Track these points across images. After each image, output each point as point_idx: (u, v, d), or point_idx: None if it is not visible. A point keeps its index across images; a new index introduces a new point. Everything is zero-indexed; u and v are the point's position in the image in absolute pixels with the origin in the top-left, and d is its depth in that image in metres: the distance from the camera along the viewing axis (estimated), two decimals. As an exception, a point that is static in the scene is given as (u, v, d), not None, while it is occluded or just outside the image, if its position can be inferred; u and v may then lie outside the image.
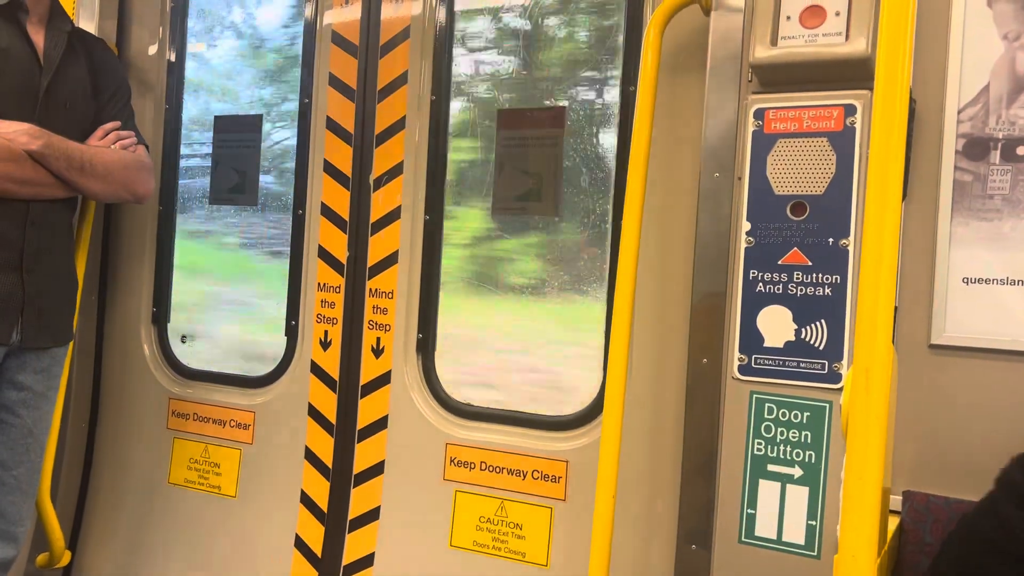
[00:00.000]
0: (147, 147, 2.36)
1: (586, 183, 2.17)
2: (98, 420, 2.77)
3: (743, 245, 1.60)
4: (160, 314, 2.74)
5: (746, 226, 1.60)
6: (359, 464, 2.36)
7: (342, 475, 2.38)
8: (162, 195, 2.73)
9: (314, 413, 2.43)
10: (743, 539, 1.58)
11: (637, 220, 1.74)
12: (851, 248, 1.51)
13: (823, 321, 1.54)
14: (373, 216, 2.36)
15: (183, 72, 2.75)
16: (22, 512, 2.17)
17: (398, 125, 2.33)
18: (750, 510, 1.58)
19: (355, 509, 2.35)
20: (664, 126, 1.89)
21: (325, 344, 2.41)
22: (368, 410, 2.35)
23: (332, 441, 2.40)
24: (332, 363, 2.41)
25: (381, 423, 2.33)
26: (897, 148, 1.05)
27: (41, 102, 2.09)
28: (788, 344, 1.57)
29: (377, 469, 2.33)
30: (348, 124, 2.39)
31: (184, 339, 2.75)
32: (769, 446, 1.57)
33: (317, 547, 2.39)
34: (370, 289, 2.36)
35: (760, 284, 1.59)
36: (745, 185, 1.60)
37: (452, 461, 2.22)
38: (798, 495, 1.54)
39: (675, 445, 1.84)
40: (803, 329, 1.55)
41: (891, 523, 1.57)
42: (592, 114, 2.21)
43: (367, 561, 2.32)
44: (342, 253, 2.40)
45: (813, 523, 1.52)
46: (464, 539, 2.20)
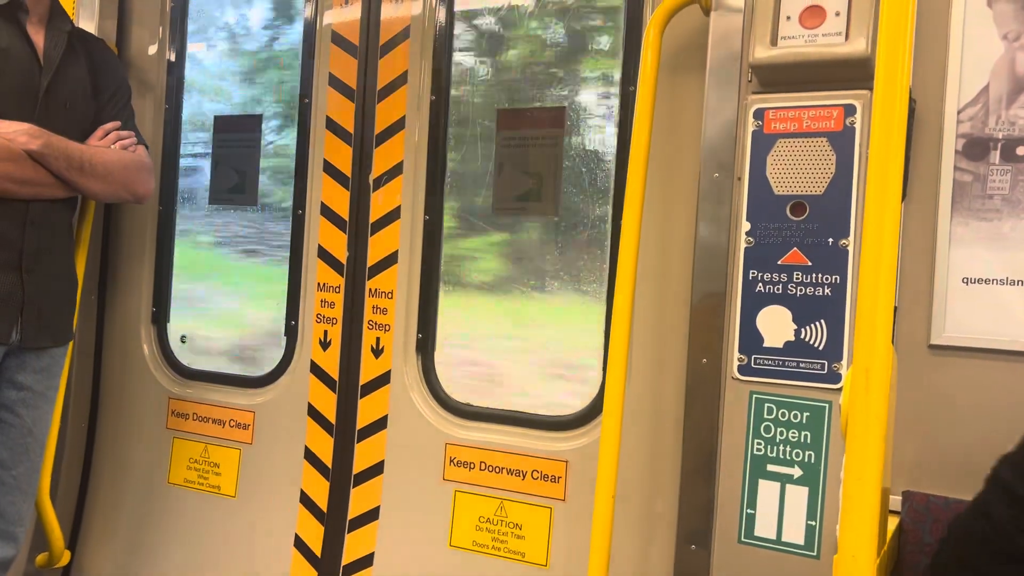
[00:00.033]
0: (147, 147, 2.36)
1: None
2: (98, 420, 2.77)
3: (743, 245, 1.60)
4: (160, 314, 2.74)
5: (746, 226, 1.60)
6: (359, 464, 2.36)
7: (342, 475, 2.38)
8: (162, 195, 2.72)
9: (314, 413, 2.43)
10: (743, 539, 1.58)
11: (637, 220, 1.74)
12: (851, 248, 1.51)
13: (823, 321, 1.54)
14: (373, 216, 2.36)
15: (183, 72, 2.75)
16: (22, 512, 2.17)
17: (398, 125, 2.33)
18: (750, 510, 1.58)
19: (355, 509, 2.35)
20: (664, 126, 1.89)
21: (325, 344, 2.41)
22: (368, 410, 2.35)
23: (332, 441, 2.40)
24: (332, 363, 2.40)
25: (381, 423, 2.33)
26: (897, 148, 1.05)
27: (41, 102, 2.09)
28: (788, 344, 1.57)
29: (377, 469, 2.33)
30: (348, 124, 2.39)
31: (184, 339, 2.75)
32: (769, 446, 1.57)
33: (317, 547, 2.39)
34: (370, 289, 2.36)
35: (760, 284, 1.59)
36: (745, 185, 1.60)
37: (452, 461, 2.22)
38: (798, 495, 1.54)
39: (675, 445, 1.84)
40: (803, 329, 1.55)
41: (891, 523, 1.57)
42: (591, 114, 2.21)
43: (367, 561, 2.32)
44: (342, 253, 2.40)
45: (813, 523, 1.52)
46: (464, 539, 2.19)
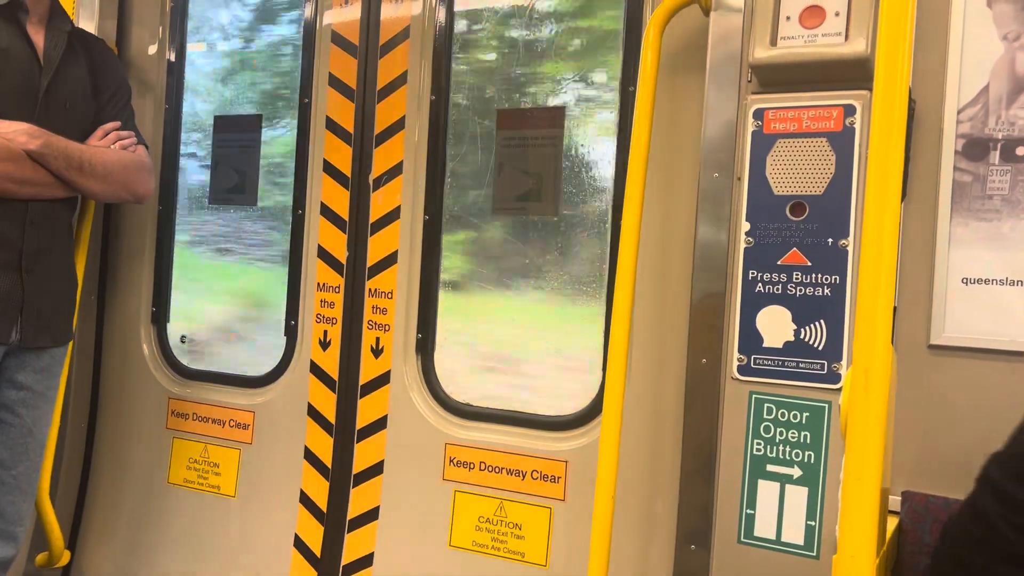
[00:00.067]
0: (147, 147, 2.36)
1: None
2: (97, 420, 2.77)
3: (742, 245, 1.60)
4: (160, 314, 2.74)
5: (745, 226, 1.60)
6: (358, 464, 2.36)
7: (341, 475, 2.38)
8: (162, 195, 2.72)
9: (313, 413, 2.43)
10: (742, 539, 1.58)
11: (636, 220, 1.74)
12: (850, 248, 1.51)
13: (822, 321, 1.54)
14: (372, 216, 2.36)
15: (183, 72, 2.75)
16: (21, 511, 2.17)
17: (398, 125, 2.33)
18: (749, 510, 1.58)
19: (354, 509, 2.35)
20: (663, 126, 1.89)
21: (324, 344, 2.41)
22: (367, 410, 2.35)
23: (331, 441, 2.40)
24: (331, 363, 2.40)
25: (380, 423, 2.33)
26: (896, 148, 1.05)
27: (41, 102, 2.09)
28: (787, 344, 1.57)
29: (376, 469, 2.33)
30: (348, 124, 2.39)
31: (183, 339, 2.75)
32: (768, 446, 1.57)
33: (316, 547, 2.39)
34: (369, 289, 2.36)
35: (759, 284, 1.59)
36: (744, 185, 1.60)
37: (451, 461, 2.22)
38: (797, 495, 1.54)
39: (674, 445, 1.84)
40: (802, 329, 1.55)
41: (890, 523, 1.57)
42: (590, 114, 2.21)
43: (366, 561, 2.32)
44: (341, 253, 2.40)
45: (812, 523, 1.52)
46: (463, 539, 2.19)
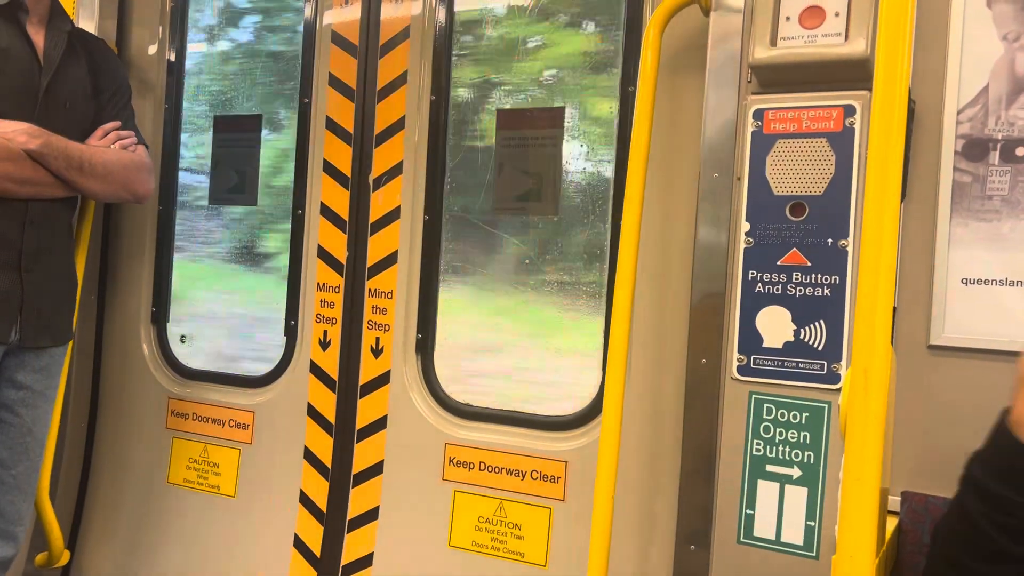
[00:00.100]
0: (147, 147, 2.36)
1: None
2: (97, 420, 2.77)
3: (742, 245, 1.60)
4: (159, 314, 2.74)
5: (745, 226, 1.60)
6: (358, 464, 2.36)
7: (341, 475, 2.38)
8: (162, 195, 2.72)
9: (313, 413, 2.43)
10: (742, 539, 1.58)
11: (636, 220, 1.74)
12: (850, 249, 1.51)
13: (822, 322, 1.54)
14: (372, 216, 2.36)
15: (183, 72, 2.75)
16: (21, 511, 2.17)
17: (398, 125, 2.33)
18: (749, 510, 1.58)
19: (354, 509, 2.35)
20: (663, 126, 1.89)
21: (324, 344, 2.41)
22: (367, 410, 2.35)
23: (331, 441, 2.40)
24: (331, 363, 2.40)
25: (380, 423, 2.33)
26: (896, 149, 1.05)
27: (41, 102, 2.09)
28: (787, 344, 1.57)
29: (376, 469, 2.33)
30: (348, 124, 2.39)
31: (183, 339, 2.75)
32: (768, 446, 1.57)
33: (316, 547, 2.39)
34: (369, 289, 2.36)
35: (759, 284, 1.59)
36: (744, 185, 1.60)
37: (451, 461, 2.22)
38: (797, 495, 1.54)
39: (674, 445, 1.84)
40: (802, 330, 1.55)
41: (890, 523, 1.57)
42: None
43: (366, 561, 2.32)
44: (341, 253, 2.40)
45: (812, 523, 1.52)
46: (463, 539, 2.19)
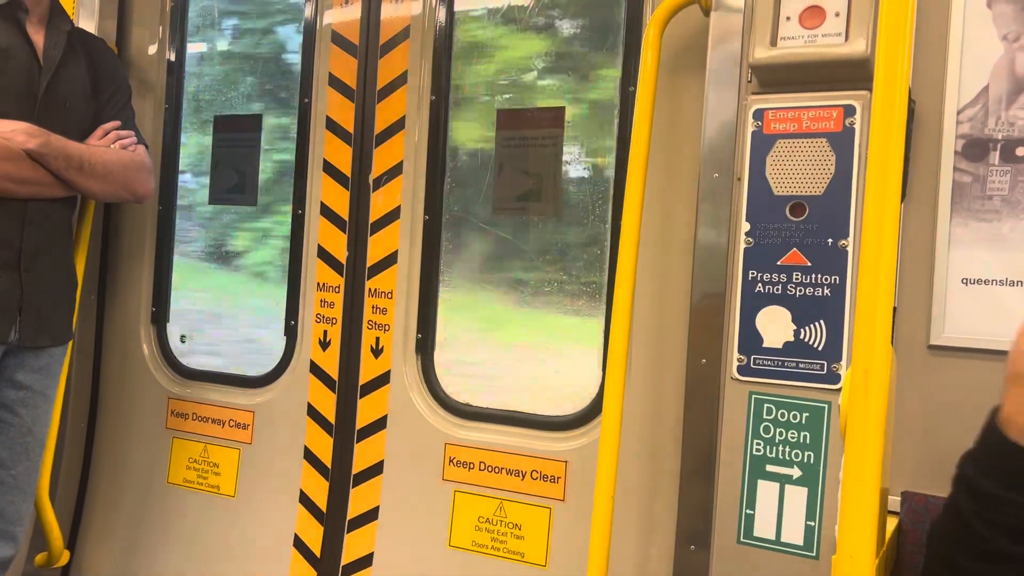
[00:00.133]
0: (147, 147, 2.36)
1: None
2: (97, 419, 2.77)
3: (742, 245, 1.60)
4: (159, 314, 2.74)
5: (745, 226, 1.60)
6: (358, 464, 2.36)
7: (341, 475, 2.38)
8: (162, 195, 2.72)
9: (313, 413, 2.43)
10: (742, 539, 1.58)
11: (636, 220, 1.74)
12: (850, 249, 1.51)
13: (822, 322, 1.54)
14: (372, 216, 2.36)
15: (183, 72, 2.75)
16: (21, 511, 2.17)
17: (398, 125, 2.33)
18: (749, 510, 1.58)
19: (354, 509, 2.35)
20: (663, 126, 1.89)
21: (324, 344, 2.41)
22: (367, 410, 2.35)
23: (331, 441, 2.40)
24: (331, 363, 2.40)
25: (380, 423, 2.33)
26: (896, 149, 1.05)
27: (40, 102, 2.09)
28: (787, 344, 1.57)
29: (376, 469, 2.33)
30: (348, 124, 2.39)
31: (183, 339, 2.75)
32: (768, 446, 1.57)
33: (316, 547, 2.39)
34: (369, 289, 2.36)
35: (759, 284, 1.59)
36: (744, 185, 1.60)
37: (451, 461, 2.22)
38: (797, 496, 1.54)
39: (674, 445, 1.84)
40: (802, 330, 1.55)
41: (890, 524, 1.57)
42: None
43: (366, 561, 2.32)
44: (341, 253, 2.40)
45: (812, 524, 1.52)
46: (463, 539, 2.19)
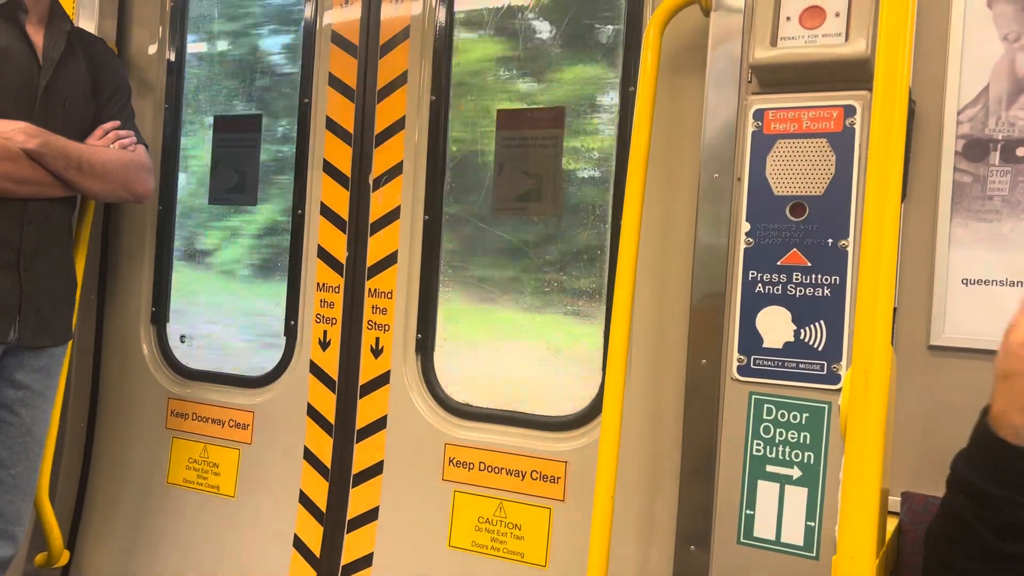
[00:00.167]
0: (147, 147, 2.36)
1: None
2: (97, 419, 2.77)
3: (742, 246, 1.60)
4: (159, 314, 2.74)
5: (745, 227, 1.60)
6: (358, 464, 2.36)
7: (341, 475, 2.37)
8: (162, 195, 2.72)
9: (313, 413, 2.43)
10: (742, 540, 1.58)
11: (636, 220, 1.74)
12: (850, 249, 1.51)
13: (822, 322, 1.54)
14: (372, 216, 2.36)
15: (183, 72, 2.75)
16: (20, 511, 2.17)
17: (398, 125, 2.33)
18: (749, 511, 1.57)
19: (354, 509, 2.35)
20: (663, 126, 1.89)
21: (324, 344, 2.41)
22: (367, 410, 2.35)
23: (331, 441, 2.39)
24: (331, 363, 2.40)
25: (380, 423, 2.33)
26: (896, 149, 1.05)
27: (40, 101, 2.09)
28: (787, 345, 1.57)
29: (376, 469, 2.33)
30: (348, 124, 2.39)
31: (183, 339, 2.75)
32: (768, 447, 1.57)
33: (316, 547, 2.39)
34: (369, 289, 2.36)
35: (759, 285, 1.59)
36: (744, 186, 1.60)
37: (451, 461, 2.22)
38: (797, 496, 1.54)
39: (674, 446, 1.84)
40: (802, 330, 1.55)
41: (890, 524, 1.57)
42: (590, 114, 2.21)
43: (366, 561, 2.32)
44: (341, 253, 2.40)
45: (812, 524, 1.52)
46: (463, 539, 2.19)
